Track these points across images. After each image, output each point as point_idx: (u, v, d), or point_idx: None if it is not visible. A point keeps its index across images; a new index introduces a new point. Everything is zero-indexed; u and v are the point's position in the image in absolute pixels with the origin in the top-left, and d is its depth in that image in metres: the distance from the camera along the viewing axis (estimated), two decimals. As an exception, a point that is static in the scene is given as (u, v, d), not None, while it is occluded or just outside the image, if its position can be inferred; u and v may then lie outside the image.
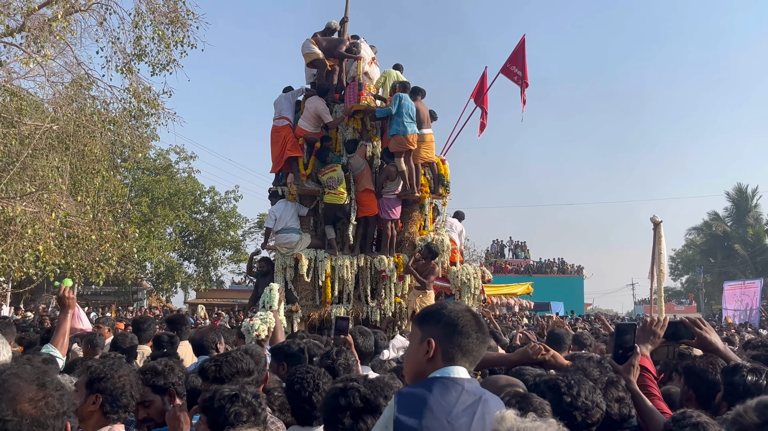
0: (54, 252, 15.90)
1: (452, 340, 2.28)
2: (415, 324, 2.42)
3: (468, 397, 2.18)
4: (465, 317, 2.33)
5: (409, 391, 2.21)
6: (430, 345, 2.27)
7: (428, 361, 2.27)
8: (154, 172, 37.14)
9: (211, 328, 5.71)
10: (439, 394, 2.15)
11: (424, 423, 2.07)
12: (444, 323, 2.31)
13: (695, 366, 3.52)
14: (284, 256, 10.99)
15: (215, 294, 41.86)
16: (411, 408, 2.12)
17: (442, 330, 2.30)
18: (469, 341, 2.30)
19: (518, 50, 13.64)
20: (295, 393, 3.46)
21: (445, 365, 2.26)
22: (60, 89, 16.54)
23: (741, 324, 28.51)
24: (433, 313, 2.37)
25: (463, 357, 2.29)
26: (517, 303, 30.02)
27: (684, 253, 65.39)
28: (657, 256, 12.86)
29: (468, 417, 2.10)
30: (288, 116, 11.77)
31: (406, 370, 2.43)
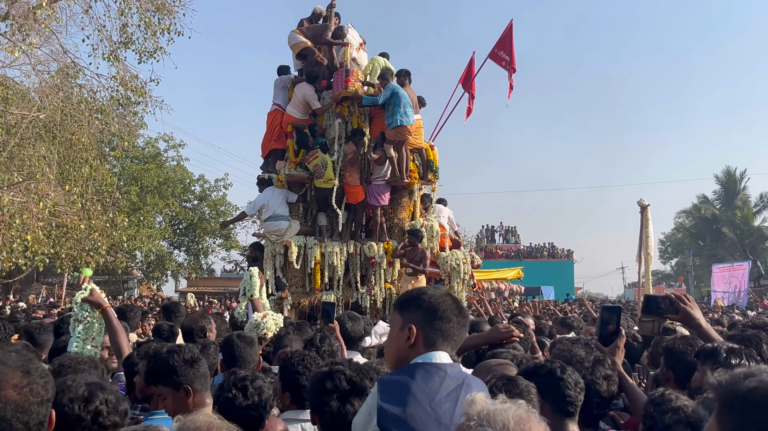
0: (43, 242, 15.85)
1: (433, 325, 2.28)
2: (396, 310, 2.41)
3: (451, 382, 2.17)
4: (445, 302, 2.33)
5: (392, 378, 2.20)
6: (411, 332, 2.27)
7: (410, 347, 2.27)
8: (142, 161, 36.94)
9: (201, 315, 5.70)
10: (422, 380, 2.15)
11: (408, 411, 2.07)
12: (425, 308, 2.30)
13: (674, 347, 3.54)
14: (274, 244, 10.99)
15: (206, 283, 41.84)
16: (394, 395, 2.12)
17: (423, 316, 2.29)
18: (450, 326, 2.30)
19: (506, 35, 13.60)
20: (290, 377, 3.48)
21: (427, 350, 2.25)
22: (46, 78, 16.43)
23: (729, 305, 28.71)
24: (413, 299, 2.36)
25: (445, 341, 2.29)
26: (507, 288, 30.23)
27: (673, 236, 65.60)
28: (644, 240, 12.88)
29: (452, 403, 2.10)
30: (279, 102, 11.78)
31: (387, 356, 2.43)
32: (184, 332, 5.49)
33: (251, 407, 2.79)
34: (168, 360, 3.13)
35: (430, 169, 11.97)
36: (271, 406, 2.90)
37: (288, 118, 11.33)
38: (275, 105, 11.81)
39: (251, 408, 2.79)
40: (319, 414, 2.68)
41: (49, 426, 1.81)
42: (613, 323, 3.32)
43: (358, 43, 12.26)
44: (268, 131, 11.85)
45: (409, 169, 11.45)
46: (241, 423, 2.76)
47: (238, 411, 2.78)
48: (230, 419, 2.75)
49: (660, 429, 2.37)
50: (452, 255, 11.46)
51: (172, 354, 3.15)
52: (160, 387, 3.14)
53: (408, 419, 2.06)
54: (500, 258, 47.24)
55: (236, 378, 2.87)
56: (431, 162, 12.00)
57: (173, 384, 3.10)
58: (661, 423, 2.39)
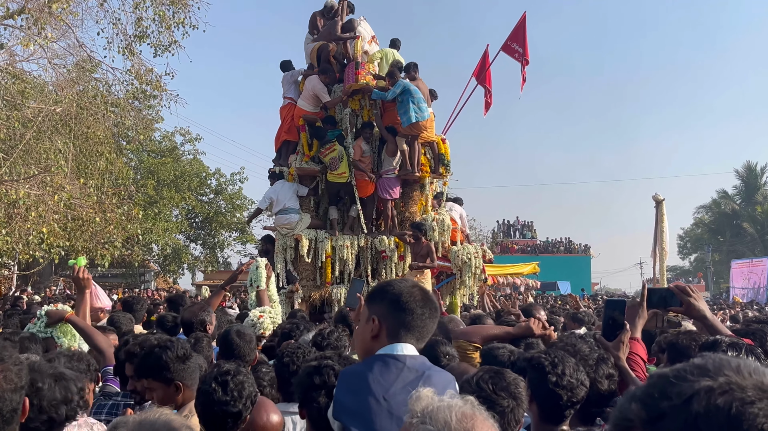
0: (58, 235, 15.99)
1: (396, 317, 2.28)
2: (365, 302, 2.43)
3: (409, 374, 2.17)
4: (409, 293, 2.31)
5: (351, 370, 2.24)
6: (374, 323, 2.28)
7: (373, 339, 2.28)
8: (159, 154, 37.13)
9: (201, 308, 5.67)
10: (378, 372, 2.15)
11: (360, 402, 2.09)
12: (388, 300, 2.31)
13: (678, 343, 3.48)
14: (284, 237, 11.01)
15: (222, 276, 41.85)
16: (349, 387, 2.15)
17: (387, 308, 2.30)
18: (413, 317, 2.29)
19: (519, 27, 13.51)
20: (284, 369, 3.47)
21: (390, 342, 2.25)
22: (63, 71, 16.56)
23: (748, 302, 28.45)
24: (379, 291, 2.38)
25: (408, 333, 2.28)
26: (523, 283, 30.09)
27: (692, 232, 65.08)
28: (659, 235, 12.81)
29: (406, 394, 2.08)
30: (291, 96, 11.80)
31: (356, 349, 2.45)
32: (184, 325, 5.49)
33: (229, 402, 2.75)
34: (161, 356, 3.15)
35: (441, 162, 11.92)
36: (253, 402, 2.86)
37: (299, 111, 11.33)
38: (287, 99, 11.83)
39: (229, 404, 2.75)
40: (307, 408, 2.67)
41: (22, 415, 1.81)
42: (618, 317, 3.28)
43: (370, 36, 12.21)
44: (281, 125, 11.88)
45: (420, 163, 11.41)
46: (218, 418, 2.76)
47: (215, 406, 2.75)
48: (208, 413, 2.77)
49: None
50: (463, 250, 11.41)
51: (165, 350, 3.16)
52: (151, 381, 3.17)
53: (360, 411, 2.07)
54: (516, 253, 47.03)
55: (218, 372, 2.85)
56: (443, 155, 11.94)
57: (164, 379, 3.14)
58: None
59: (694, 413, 0.96)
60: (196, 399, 2.85)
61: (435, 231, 11.20)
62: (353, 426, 2.06)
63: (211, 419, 2.78)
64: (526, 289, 30.57)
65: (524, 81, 13.81)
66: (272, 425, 3.02)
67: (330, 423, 2.21)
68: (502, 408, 2.52)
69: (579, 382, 2.75)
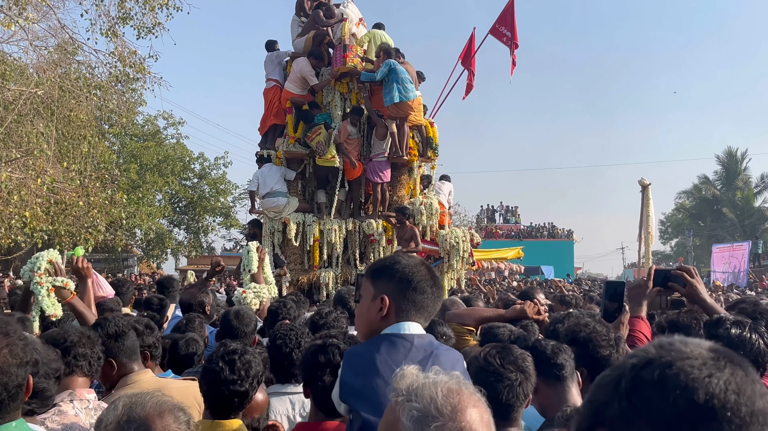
0: (41, 219, 15.83)
1: (406, 296, 2.21)
2: (368, 279, 2.32)
3: (417, 353, 2.12)
4: (420, 272, 2.25)
5: (356, 351, 2.18)
6: (383, 302, 2.20)
7: (381, 319, 2.21)
8: (142, 138, 36.81)
9: (200, 289, 5.68)
10: (386, 352, 2.10)
11: (368, 383, 2.04)
12: (398, 279, 2.23)
13: (679, 321, 3.49)
14: (272, 220, 10.96)
15: (206, 261, 41.71)
16: (356, 368, 2.09)
17: (396, 286, 2.22)
18: (425, 297, 2.24)
19: (507, 10, 13.44)
20: (277, 350, 3.46)
21: (398, 321, 2.20)
22: (44, 53, 16.32)
23: (728, 286, 28.74)
24: (386, 268, 2.27)
25: (417, 313, 2.23)
26: (507, 268, 30.33)
27: (673, 217, 65.57)
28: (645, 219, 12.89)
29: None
30: (275, 78, 11.70)
31: (358, 327, 2.36)
32: (183, 306, 5.49)
33: (236, 381, 2.73)
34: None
35: (429, 146, 11.89)
36: (259, 382, 2.84)
37: (286, 94, 11.25)
38: (273, 81, 11.72)
39: (236, 383, 2.73)
40: (312, 387, 2.66)
41: (27, 392, 1.78)
42: (617, 299, 3.28)
43: (358, 18, 12.11)
44: (267, 108, 11.78)
45: (408, 146, 11.37)
46: (226, 397, 2.75)
47: (223, 385, 2.73)
48: (215, 392, 2.75)
49: None
50: (451, 233, 11.41)
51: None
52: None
53: (368, 392, 2.02)
54: (500, 238, 47.26)
55: (225, 351, 2.82)
56: (431, 139, 11.91)
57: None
58: None
59: (625, 391, 0.96)
60: (202, 378, 2.83)
61: (423, 215, 11.19)
62: (361, 408, 2.01)
63: (218, 398, 2.76)
64: (510, 274, 30.81)
65: (514, 65, 13.76)
66: (258, 403, 3.04)
67: (335, 404, 2.17)
68: (510, 382, 2.52)
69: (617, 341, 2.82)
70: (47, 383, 2.35)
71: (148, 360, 3.47)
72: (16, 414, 1.76)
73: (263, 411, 3.06)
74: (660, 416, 0.91)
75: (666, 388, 0.92)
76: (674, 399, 0.91)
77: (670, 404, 0.91)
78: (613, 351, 2.92)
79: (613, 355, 2.90)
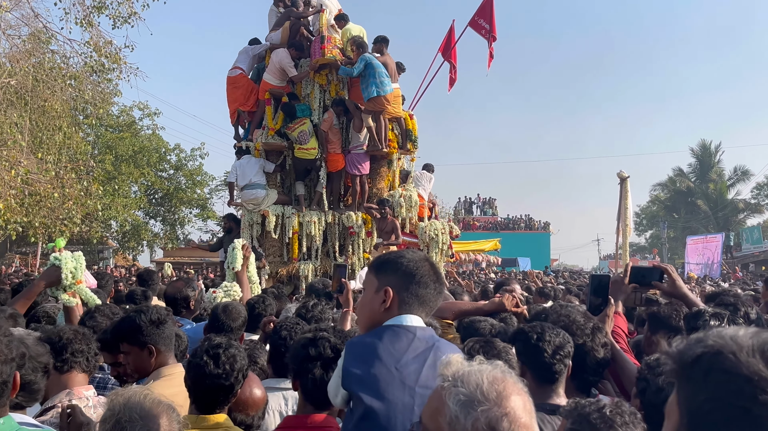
0: (15, 210, 15.60)
1: (410, 290, 2.25)
2: (371, 272, 2.37)
3: (420, 344, 2.16)
4: (423, 267, 2.30)
5: (359, 340, 2.20)
6: (387, 295, 2.24)
7: (384, 311, 2.24)
8: (117, 129, 36.39)
9: (185, 283, 5.64)
10: (389, 342, 2.13)
11: (372, 372, 2.06)
12: (402, 272, 2.27)
13: (659, 313, 3.54)
14: (251, 213, 10.91)
15: (183, 253, 41.48)
16: (359, 357, 2.12)
17: (400, 280, 2.26)
18: (427, 291, 2.28)
19: (486, 3, 13.45)
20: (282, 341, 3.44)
21: (400, 313, 2.23)
22: (17, 42, 16.05)
23: (702, 277, 29.11)
24: (391, 262, 2.32)
25: (420, 307, 2.27)
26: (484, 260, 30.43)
27: (648, 209, 66.24)
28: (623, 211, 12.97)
29: (418, 364, 2.10)
30: (241, 66, 11.69)
31: (360, 318, 2.40)
32: (167, 300, 5.44)
33: (221, 376, 2.73)
34: (134, 319, 3.19)
35: (409, 138, 11.88)
36: (245, 376, 2.84)
37: (265, 86, 11.18)
38: (238, 69, 11.71)
39: (221, 377, 2.73)
40: (301, 380, 2.66)
41: (14, 389, 1.76)
42: (602, 292, 3.31)
43: (337, 10, 12.05)
44: (230, 95, 11.75)
45: (388, 139, 11.35)
46: (211, 392, 2.73)
47: (207, 379, 2.72)
48: (199, 386, 2.74)
49: (653, 391, 2.39)
50: (431, 226, 11.44)
51: (139, 314, 3.21)
52: (126, 345, 3.21)
53: (371, 380, 2.05)
54: (478, 230, 47.43)
55: (209, 345, 2.81)
56: (410, 131, 11.90)
57: (138, 342, 3.17)
58: (654, 385, 2.40)
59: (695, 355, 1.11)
60: (187, 373, 2.81)
61: (402, 207, 11.19)
62: (365, 395, 2.03)
63: (203, 393, 2.74)
64: (488, 265, 30.95)
65: (491, 58, 13.76)
66: (254, 400, 3.02)
67: (331, 396, 2.19)
68: None
69: (566, 341, 2.78)
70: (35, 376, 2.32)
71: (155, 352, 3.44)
72: (4, 410, 1.74)
73: (260, 408, 3.04)
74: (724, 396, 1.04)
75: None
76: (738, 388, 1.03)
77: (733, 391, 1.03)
78: (587, 340, 2.94)
79: (587, 344, 2.92)
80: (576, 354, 2.85)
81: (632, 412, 2.01)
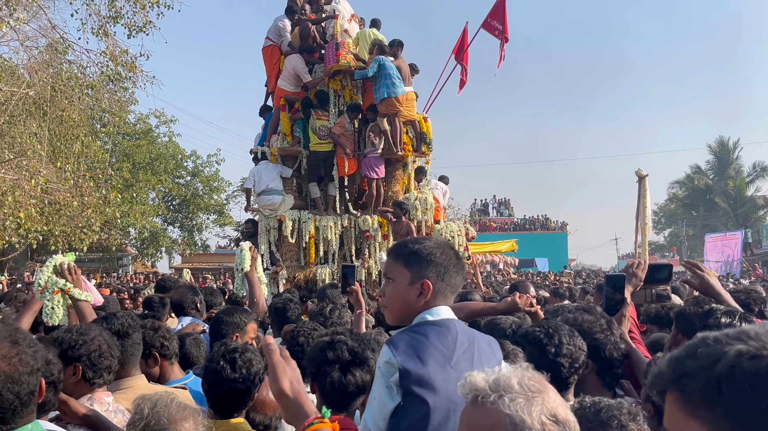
0: (36, 220, 15.79)
1: (444, 280, 2.26)
2: (399, 262, 2.32)
3: (463, 340, 2.19)
4: (451, 255, 2.32)
5: (405, 339, 2.16)
6: (425, 287, 2.23)
7: (422, 303, 2.24)
8: (134, 137, 36.67)
9: (189, 288, 5.65)
10: (436, 340, 2.15)
11: (431, 371, 2.07)
12: (435, 263, 2.26)
13: (686, 312, 3.53)
14: (268, 218, 10.97)
15: (201, 259, 41.79)
16: (414, 356, 2.10)
17: (435, 271, 2.26)
18: (457, 278, 2.31)
19: (499, 4, 13.45)
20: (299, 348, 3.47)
21: (436, 304, 2.25)
22: (35, 54, 16.25)
23: (723, 275, 28.88)
24: (422, 253, 2.28)
25: (451, 294, 2.31)
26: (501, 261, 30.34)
27: (666, 207, 65.76)
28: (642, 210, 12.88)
29: (468, 362, 2.13)
30: (272, 37, 11.82)
31: (392, 310, 2.33)
32: (173, 306, 5.46)
33: (239, 380, 2.76)
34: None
35: (423, 141, 11.90)
36: (261, 379, 2.87)
37: (279, 92, 11.24)
38: (269, 40, 11.82)
39: (238, 381, 2.76)
40: (319, 383, 2.69)
41: (39, 395, 1.81)
42: (619, 292, 3.32)
43: (350, 14, 12.10)
44: (267, 66, 11.92)
45: (402, 142, 11.38)
46: (228, 396, 2.77)
47: (225, 384, 2.75)
48: (217, 391, 2.78)
49: None
50: (446, 228, 11.45)
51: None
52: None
53: (432, 379, 2.06)
54: (494, 231, 47.32)
55: (225, 350, 2.84)
56: (425, 134, 11.91)
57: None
58: None
59: (717, 374, 0.95)
60: (204, 378, 2.85)
61: (418, 210, 11.21)
62: (428, 395, 2.04)
63: (220, 397, 2.78)
64: (505, 266, 30.85)
65: (502, 59, 13.77)
66: (271, 400, 3.04)
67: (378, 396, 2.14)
68: None
69: (577, 348, 2.79)
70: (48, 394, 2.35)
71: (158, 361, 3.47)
72: (31, 417, 1.78)
73: (277, 409, 3.07)
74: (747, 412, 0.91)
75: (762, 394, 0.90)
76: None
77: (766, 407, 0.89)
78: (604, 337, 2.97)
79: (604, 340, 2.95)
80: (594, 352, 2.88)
81: (633, 413, 2.02)
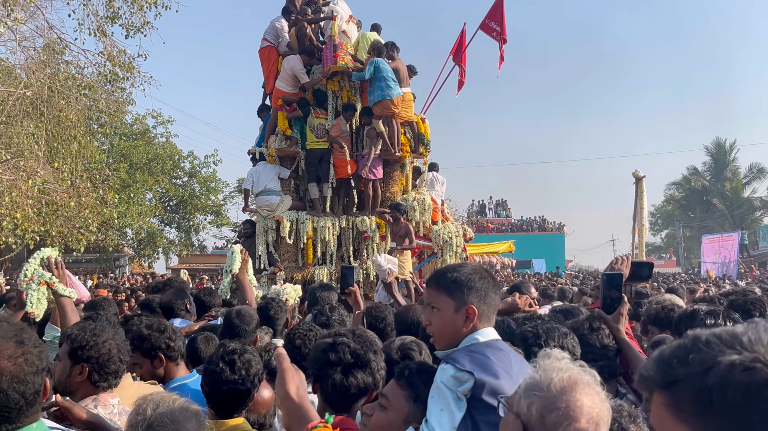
0: (33, 220, 15.77)
1: (486, 302, 2.39)
2: (443, 293, 2.43)
3: (514, 357, 2.35)
4: (488, 277, 2.44)
5: (467, 356, 2.27)
6: (471, 313, 2.35)
7: (470, 327, 2.36)
8: (131, 138, 36.66)
9: (178, 290, 5.61)
10: (494, 357, 2.27)
11: (503, 383, 2.18)
12: (477, 288, 2.38)
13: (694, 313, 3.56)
14: (265, 219, 10.97)
15: (198, 259, 41.68)
16: (486, 369, 2.21)
17: (477, 295, 2.38)
18: (497, 298, 2.47)
19: (497, 5, 13.46)
20: (296, 350, 3.48)
21: (482, 326, 2.37)
22: (32, 54, 16.24)
23: (719, 276, 28.93)
24: (463, 282, 2.40)
25: (493, 314, 2.44)
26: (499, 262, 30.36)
27: (663, 208, 65.88)
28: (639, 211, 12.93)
29: (523, 375, 2.18)
30: (268, 38, 11.79)
31: (440, 337, 2.43)
32: (162, 308, 5.40)
33: (238, 381, 2.78)
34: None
35: (421, 142, 11.89)
36: (260, 380, 2.88)
37: (277, 93, 11.24)
38: (266, 41, 11.80)
39: (238, 383, 2.78)
40: (321, 384, 2.69)
41: (44, 395, 1.81)
42: (616, 289, 3.32)
43: (348, 15, 12.10)
44: (264, 68, 11.90)
45: (400, 142, 11.39)
46: (227, 397, 2.78)
47: (224, 385, 2.77)
48: (216, 392, 2.78)
49: None
50: (444, 229, 11.44)
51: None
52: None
53: (505, 391, 2.12)
54: (491, 232, 47.34)
55: (225, 351, 2.86)
56: (422, 135, 11.91)
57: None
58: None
59: (709, 385, 0.92)
60: (204, 379, 2.85)
61: (416, 210, 11.21)
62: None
63: (220, 398, 2.79)
64: (502, 267, 30.86)
65: (502, 60, 13.78)
66: (263, 399, 3.09)
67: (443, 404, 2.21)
68: None
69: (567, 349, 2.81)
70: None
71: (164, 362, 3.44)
72: (36, 416, 1.79)
73: (270, 407, 3.10)
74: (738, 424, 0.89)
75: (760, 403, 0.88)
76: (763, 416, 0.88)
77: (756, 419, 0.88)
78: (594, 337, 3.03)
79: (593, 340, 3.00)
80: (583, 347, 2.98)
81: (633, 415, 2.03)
